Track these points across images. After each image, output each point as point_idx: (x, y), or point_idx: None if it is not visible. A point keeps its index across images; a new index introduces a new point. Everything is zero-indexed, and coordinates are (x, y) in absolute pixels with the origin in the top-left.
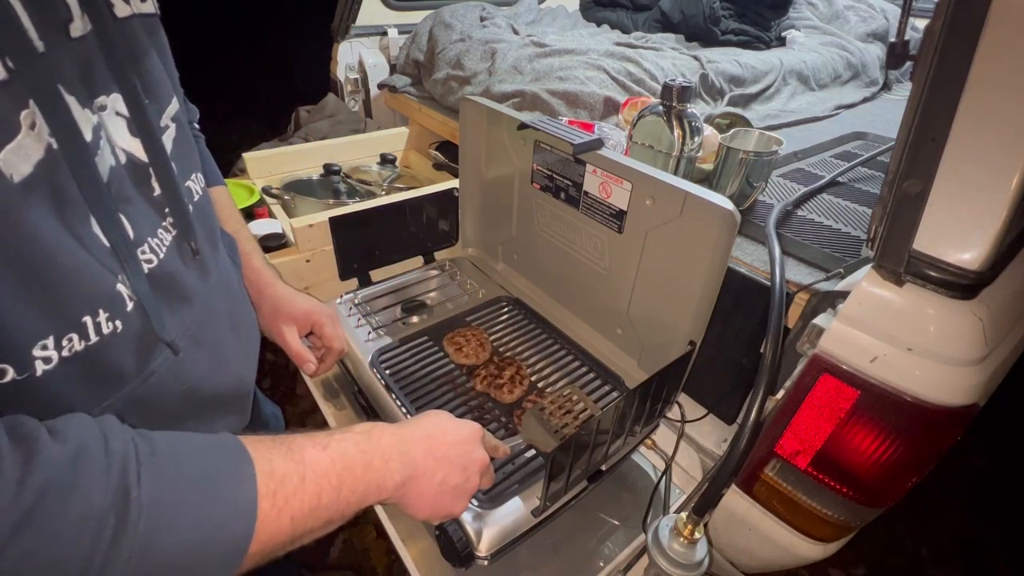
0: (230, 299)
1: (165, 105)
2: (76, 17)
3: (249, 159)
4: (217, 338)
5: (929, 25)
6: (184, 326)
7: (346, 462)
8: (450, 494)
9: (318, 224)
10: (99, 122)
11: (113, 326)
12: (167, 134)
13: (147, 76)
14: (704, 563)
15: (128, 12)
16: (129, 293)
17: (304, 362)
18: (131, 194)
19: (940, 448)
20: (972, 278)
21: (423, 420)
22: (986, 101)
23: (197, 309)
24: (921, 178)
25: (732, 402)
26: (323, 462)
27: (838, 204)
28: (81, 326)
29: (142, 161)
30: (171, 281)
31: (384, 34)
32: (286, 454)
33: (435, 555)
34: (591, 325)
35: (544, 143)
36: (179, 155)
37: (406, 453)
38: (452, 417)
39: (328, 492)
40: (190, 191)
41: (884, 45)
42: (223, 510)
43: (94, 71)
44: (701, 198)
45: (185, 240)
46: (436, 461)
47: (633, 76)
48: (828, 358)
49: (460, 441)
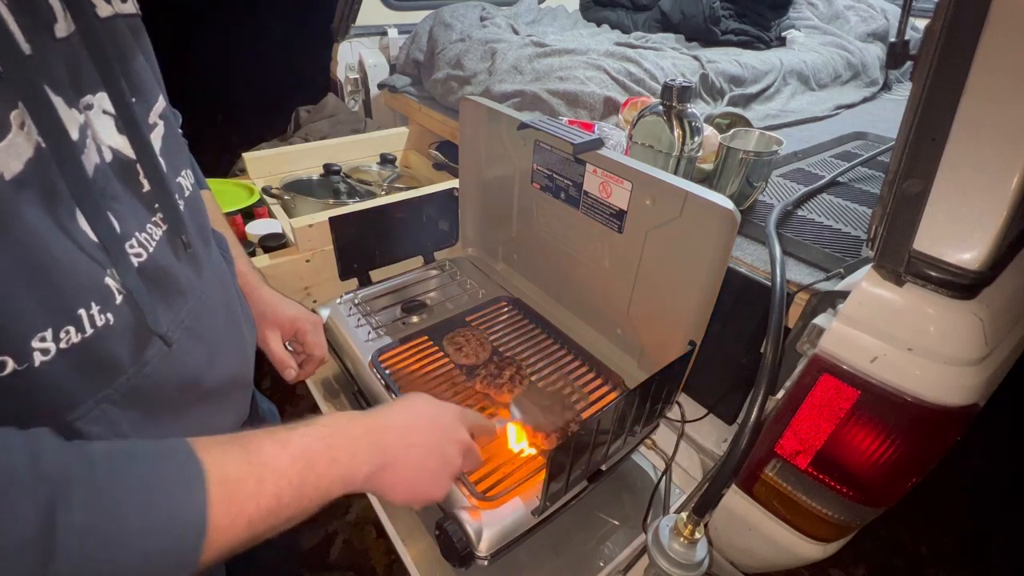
0: (225, 293)
1: (152, 103)
2: (60, 18)
3: (249, 159)
4: (214, 331)
5: (929, 25)
6: (179, 319)
7: (308, 459)
8: (428, 479)
9: (318, 224)
10: (85, 121)
11: (105, 318)
12: (155, 132)
13: (133, 75)
14: (704, 563)
15: (110, 12)
16: (118, 287)
17: (285, 368)
18: (117, 191)
19: (940, 448)
20: (972, 278)
21: (399, 405)
22: (986, 101)
23: (192, 302)
24: (921, 178)
25: (732, 402)
26: (283, 461)
27: (838, 204)
28: (77, 318)
29: (129, 158)
30: (163, 274)
31: (384, 34)
32: (242, 455)
33: (435, 555)
34: (591, 325)
35: (544, 143)
36: (168, 152)
37: (377, 443)
38: (431, 400)
39: (288, 491)
40: (180, 187)
41: (884, 45)
42: (167, 525)
43: (80, 71)
44: (701, 198)
45: (176, 234)
46: (410, 447)
47: (633, 76)
48: (828, 358)
49: (437, 425)
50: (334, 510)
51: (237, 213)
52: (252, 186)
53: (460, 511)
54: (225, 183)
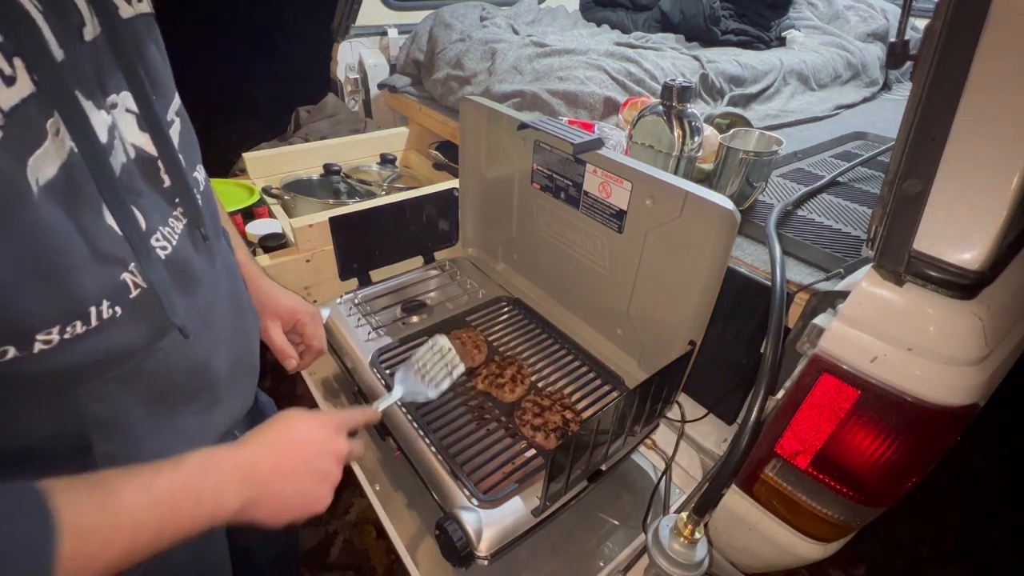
0: (232, 283)
1: (170, 100)
2: (87, 21)
3: (249, 159)
4: (223, 319)
5: (929, 25)
6: (196, 308)
7: (171, 503)
8: (302, 501)
9: (318, 224)
10: (112, 121)
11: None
12: (173, 128)
13: (153, 73)
14: (704, 563)
15: (131, 13)
16: (138, 280)
17: (286, 357)
18: (141, 187)
19: (940, 448)
20: (972, 278)
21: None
22: (986, 101)
23: (207, 292)
24: (921, 178)
25: (732, 402)
26: (141, 508)
27: (838, 204)
28: (86, 315)
29: (151, 155)
30: (185, 266)
31: (384, 34)
32: (99, 503)
33: (435, 555)
34: (591, 325)
35: (544, 143)
36: (184, 147)
37: (247, 478)
38: (304, 418)
39: (147, 535)
40: (196, 181)
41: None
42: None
43: (105, 71)
44: (701, 198)
45: (196, 227)
46: (284, 476)
47: (633, 76)
48: (828, 358)
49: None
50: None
51: (237, 213)
52: (252, 186)
53: (460, 511)
54: (225, 183)
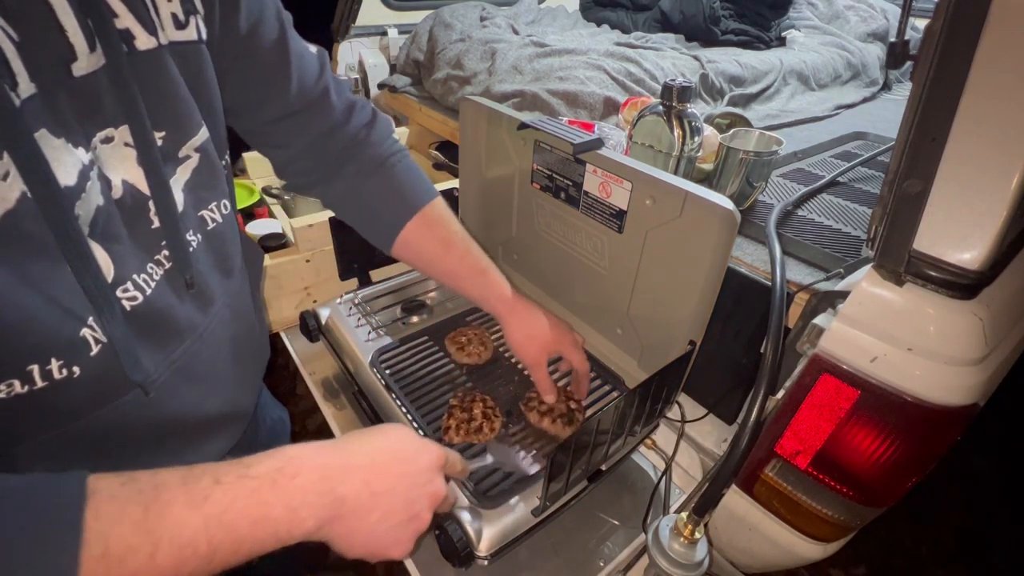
0: (237, 326)
1: (189, 135)
2: (82, 56)
3: (249, 159)
4: (213, 368)
5: (929, 25)
6: (169, 360)
7: (227, 521)
8: (389, 534)
9: (318, 224)
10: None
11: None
12: (186, 164)
13: (166, 106)
14: (704, 563)
15: (152, 44)
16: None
17: (549, 392)
18: (119, 231)
19: (940, 448)
20: (972, 278)
21: (368, 437)
22: (986, 101)
23: (190, 342)
24: (921, 178)
25: (732, 402)
26: (190, 527)
27: (838, 204)
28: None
29: (143, 193)
30: (159, 317)
31: (384, 34)
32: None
33: (435, 555)
34: (591, 325)
35: (544, 143)
36: (198, 185)
37: (330, 492)
38: (407, 436)
39: (194, 561)
40: (202, 220)
41: (884, 45)
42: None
43: (102, 105)
44: (701, 198)
45: (180, 273)
46: (374, 496)
47: (633, 76)
48: (828, 358)
49: (411, 470)
50: None
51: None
52: (252, 186)
53: (460, 511)
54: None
